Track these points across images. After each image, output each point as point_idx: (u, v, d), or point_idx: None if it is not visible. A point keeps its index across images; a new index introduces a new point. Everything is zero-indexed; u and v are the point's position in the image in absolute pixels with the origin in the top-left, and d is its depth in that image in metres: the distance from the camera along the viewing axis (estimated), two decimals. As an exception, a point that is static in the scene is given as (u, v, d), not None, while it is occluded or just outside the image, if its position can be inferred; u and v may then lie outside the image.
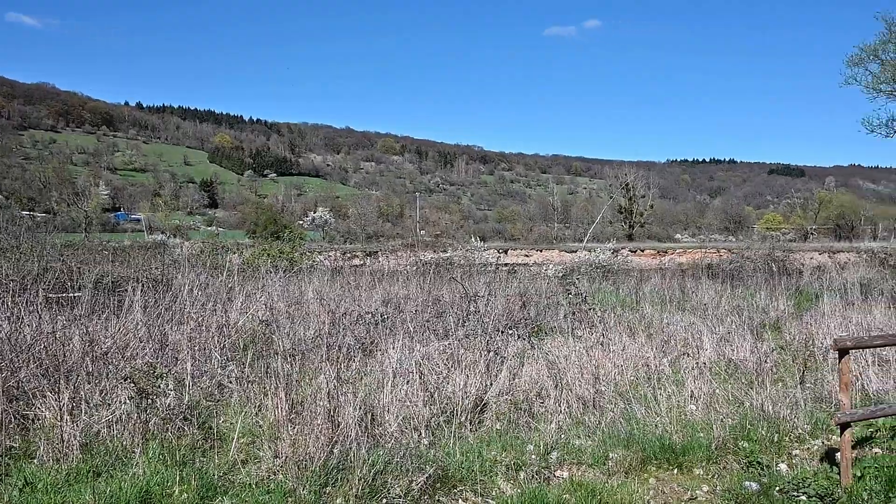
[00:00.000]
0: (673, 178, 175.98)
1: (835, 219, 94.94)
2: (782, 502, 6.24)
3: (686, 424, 8.06)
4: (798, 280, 23.47)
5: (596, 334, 11.34)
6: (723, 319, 13.62)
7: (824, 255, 46.35)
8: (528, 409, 8.34)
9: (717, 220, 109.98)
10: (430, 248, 29.18)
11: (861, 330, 12.49)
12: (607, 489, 6.29)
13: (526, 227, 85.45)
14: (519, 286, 15.05)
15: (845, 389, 6.65)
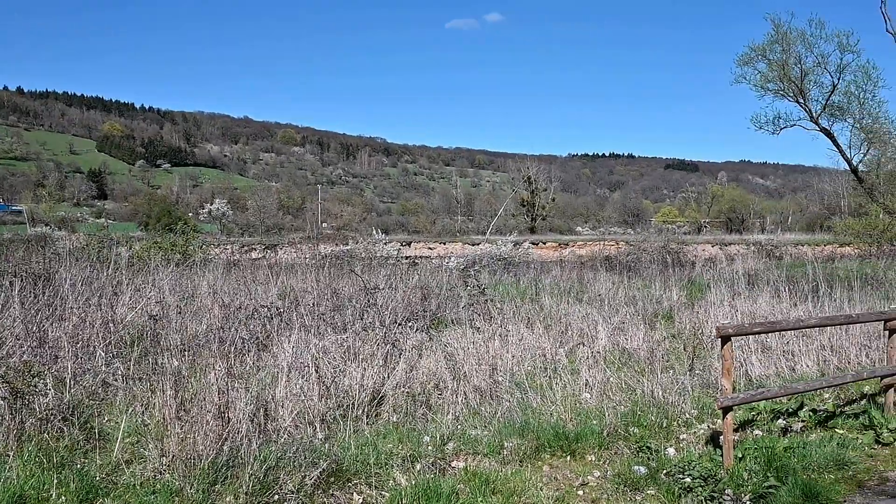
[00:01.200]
0: (574, 172, 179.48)
1: (726, 212, 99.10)
2: (668, 485, 6.42)
3: (580, 412, 8.22)
4: (691, 271, 24.32)
5: (494, 326, 11.43)
6: (618, 310, 13.96)
7: (716, 248, 48.29)
8: (425, 401, 8.34)
9: (617, 213, 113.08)
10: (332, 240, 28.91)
11: (747, 318, 13.01)
12: (501, 477, 6.35)
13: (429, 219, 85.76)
14: (420, 279, 15.02)
15: (727, 375, 6.91)
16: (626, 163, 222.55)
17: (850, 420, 8.61)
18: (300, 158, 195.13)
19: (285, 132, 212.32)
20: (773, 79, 38.03)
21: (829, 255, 40.47)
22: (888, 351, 8.95)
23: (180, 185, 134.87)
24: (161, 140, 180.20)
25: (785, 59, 37.47)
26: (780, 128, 39.51)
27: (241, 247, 39.23)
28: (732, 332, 6.95)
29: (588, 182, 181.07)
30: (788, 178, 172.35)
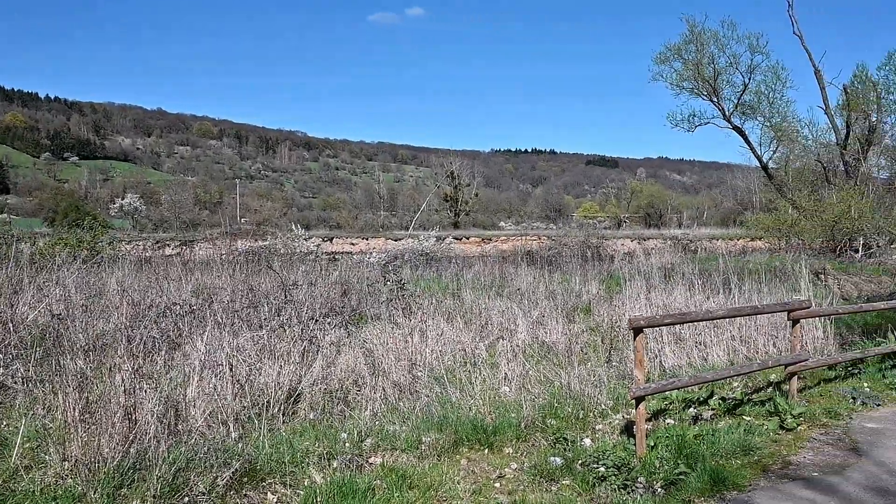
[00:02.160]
0: (497, 168, 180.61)
1: (645, 207, 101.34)
2: (583, 475, 6.52)
3: (499, 405, 8.28)
4: (610, 265, 24.82)
5: (415, 321, 11.41)
6: (538, 304, 14.13)
7: (635, 242, 49.31)
8: (343, 398, 8.28)
9: (539, 208, 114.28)
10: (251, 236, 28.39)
11: (662, 310, 13.33)
12: (418, 472, 6.34)
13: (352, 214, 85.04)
14: (340, 274, 14.89)
15: (640, 366, 7.05)
16: (549, 158, 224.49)
17: (757, 407, 8.91)
18: (217, 152, 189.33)
19: (201, 125, 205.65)
20: (688, 77, 39.14)
21: (742, 248, 41.84)
22: (791, 340, 9.31)
23: (89, 179, 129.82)
24: (68, 132, 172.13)
25: (699, 59, 38.60)
26: (694, 125, 40.70)
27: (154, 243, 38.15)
28: (644, 324, 7.09)
29: (511, 177, 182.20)
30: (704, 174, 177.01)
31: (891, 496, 6.07)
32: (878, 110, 37.35)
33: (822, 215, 31.68)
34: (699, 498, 6.15)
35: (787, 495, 6.14)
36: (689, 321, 8.99)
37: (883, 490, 6.22)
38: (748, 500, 6.04)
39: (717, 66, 38.45)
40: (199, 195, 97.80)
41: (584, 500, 6.17)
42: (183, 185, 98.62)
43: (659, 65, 39.56)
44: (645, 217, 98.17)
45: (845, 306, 13.43)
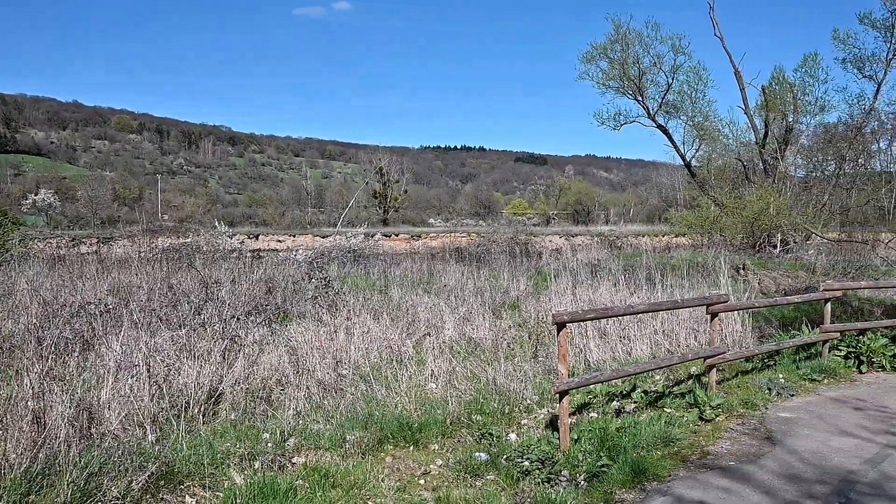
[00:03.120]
0: (426, 164, 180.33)
1: (573, 205, 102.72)
2: (508, 469, 6.55)
3: (426, 402, 8.26)
4: (538, 262, 25.07)
5: (341, 318, 11.30)
6: (466, 300, 14.16)
7: (563, 239, 50.02)
8: (266, 397, 8.13)
9: (469, 205, 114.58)
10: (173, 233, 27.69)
11: (587, 306, 13.51)
12: (341, 471, 6.26)
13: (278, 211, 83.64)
14: (265, 272, 14.63)
15: (563, 360, 7.12)
16: (478, 155, 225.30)
17: (677, 399, 9.11)
18: (137, 146, 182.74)
19: (120, 118, 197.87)
20: (614, 77, 39.77)
21: (666, 245, 42.91)
22: (710, 334, 9.54)
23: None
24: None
25: (624, 59, 39.26)
26: (620, 124, 41.39)
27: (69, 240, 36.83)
28: (567, 319, 7.16)
29: (440, 174, 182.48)
30: (630, 171, 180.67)
31: (802, 482, 6.27)
32: (795, 111, 38.62)
33: (742, 212, 32.61)
34: (620, 489, 6.24)
35: (704, 484, 6.28)
36: (611, 316, 9.13)
37: (795, 477, 6.43)
38: (667, 491, 6.16)
39: (642, 65, 39.21)
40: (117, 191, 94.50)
41: (509, 495, 6.20)
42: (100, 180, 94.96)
43: (585, 64, 40.11)
44: (573, 214, 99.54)
45: (761, 300, 13.84)
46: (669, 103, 39.89)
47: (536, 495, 6.10)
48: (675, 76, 39.22)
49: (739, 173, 40.44)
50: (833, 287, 11.95)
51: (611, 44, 39.35)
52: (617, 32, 39.04)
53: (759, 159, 39.15)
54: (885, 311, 16.20)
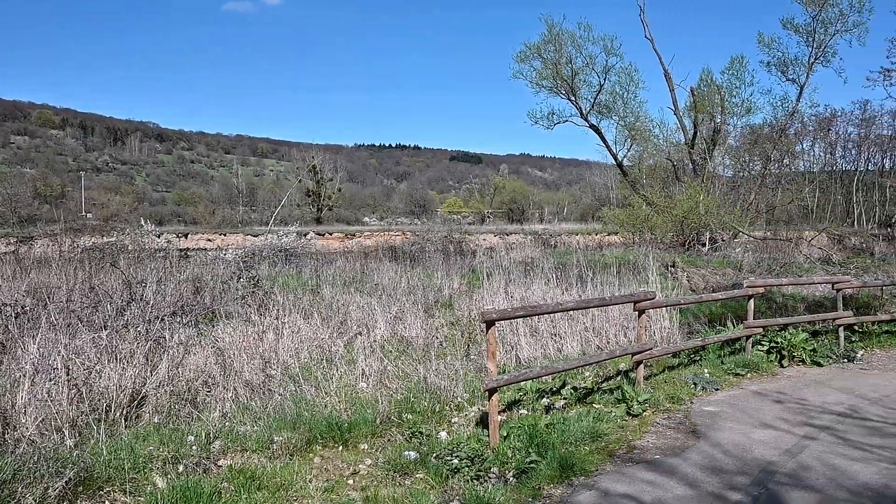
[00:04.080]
0: (361, 163, 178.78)
1: (508, 203, 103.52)
2: (437, 467, 6.54)
3: (356, 402, 8.20)
4: (472, 260, 25.15)
5: (270, 318, 11.13)
6: (399, 299, 14.12)
7: (498, 237, 50.29)
8: (191, 399, 7.94)
9: (404, 203, 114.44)
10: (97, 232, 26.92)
11: (521, 303, 13.60)
12: (268, 473, 6.16)
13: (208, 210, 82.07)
14: (193, 272, 14.31)
15: (492, 358, 7.15)
16: (413, 154, 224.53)
17: (606, 395, 9.24)
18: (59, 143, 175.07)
19: (41, 113, 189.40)
20: (547, 76, 40.18)
21: (599, 243, 43.55)
22: (638, 330, 9.71)
23: None
24: None
25: (557, 59, 39.70)
26: (554, 123, 41.84)
27: (-14, 240, 35.47)
28: (496, 317, 7.18)
29: (375, 172, 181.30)
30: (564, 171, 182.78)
31: (724, 474, 6.43)
32: (722, 112, 39.65)
33: (672, 211, 33.35)
34: (548, 485, 6.29)
35: (630, 478, 6.38)
36: (540, 313, 9.22)
37: (717, 469, 6.59)
38: (594, 485, 6.24)
39: (575, 66, 39.69)
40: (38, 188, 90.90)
41: (438, 493, 6.18)
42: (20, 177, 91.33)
43: (519, 63, 40.42)
44: (508, 213, 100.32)
45: (687, 297, 14.17)
46: (602, 103, 40.48)
47: (465, 493, 6.10)
48: (607, 77, 39.86)
49: (670, 173, 41.31)
50: (756, 284, 12.29)
51: (544, 44, 39.76)
52: (550, 32, 39.46)
53: (689, 159, 40.07)
54: (808, 306, 16.77)
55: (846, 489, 6.02)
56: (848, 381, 10.57)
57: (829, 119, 66.23)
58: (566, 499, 6.00)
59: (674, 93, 39.93)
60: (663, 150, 41.87)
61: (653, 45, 40.14)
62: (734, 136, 43.96)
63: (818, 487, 6.07)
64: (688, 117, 40.36)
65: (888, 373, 11.36)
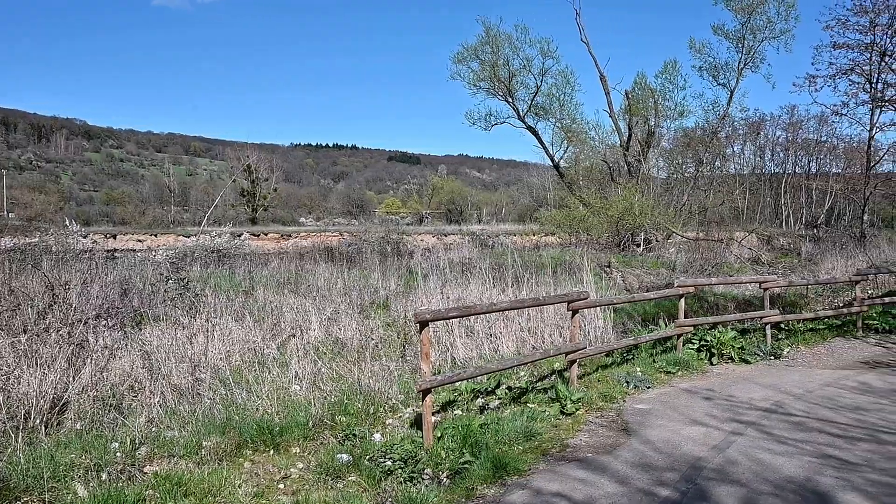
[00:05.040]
0: (297, 162, 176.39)
1: (446, 204, 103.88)
2: (370, 470, 6.47)
3: (289, 405, 8.06)
4: (409, 261, 25.07)
5: (201, 320, 10.89)
6: (334, 300, 13.98)
7: (436, 238, 50.35)
8: (117, 405, 7.70)
9: (341, 204, 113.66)
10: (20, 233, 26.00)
11: (457, 304, 13.59)
12: (195, 478, 6.00)
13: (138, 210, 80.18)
14: (121, 273, 13.92)
15: (426, 359, 7.11)
16: (351, 154, 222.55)
17: (540, 395, 9.29)
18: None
19: None
20: (485, 78, 40.43)
21: (536, 244, 43.95)
22: (571, 330, 9.79)
23: None
24: None
25: (494, 60, 39.96)
26: (491, 124, 42.15)
27: None
28: (430, 318, 7.15)
29: (312, 172, 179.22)
30: (502, 171, 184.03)
31: (654, 471, 6.52)
32: (656, 115, 40.49)
33: (607, 212, 33.85)
34: (482, 485, 6.28)
35: (562, 476, 6.42)
36: (474, 314, 9.22)
37: (648, 465, 6.67)
38: (526, 484, 6.25)
39: (512, 67, 40.03)
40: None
41: (371, 496, 6.12)
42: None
43: (457, 64, 40.60)
44: (446, 213, 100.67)
45: (620, 297, 14.37)
46: (538, 105, 40.94)
47: (398, 495, 6.05)
48: (543, 79, 40.33)
49: (605, 174, 41.96)
50: (686, 283, 12.53)
51: (481, 45, 40.01)
52: (487, 34, 39.72)
53: (624, 161, 40.80)
54: (738, 305, 17.21)
55: (770, 483, 6.16)
56: (774, 378, 10.85)
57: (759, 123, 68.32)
58: (499, 498, 6.00)
59: (609, 95, 40.61)
60: (599, 152, 42.55)
61: (588, 49, 40.77)
62: (668, 139, 44.99)
63: (744, 482, 6.20)
64: (623, 120, 41.11)
65: (812, 369, 11.71)
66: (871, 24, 35.54)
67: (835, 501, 5.75)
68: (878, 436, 7.64)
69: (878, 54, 36.23)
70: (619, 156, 41.80)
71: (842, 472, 6.43)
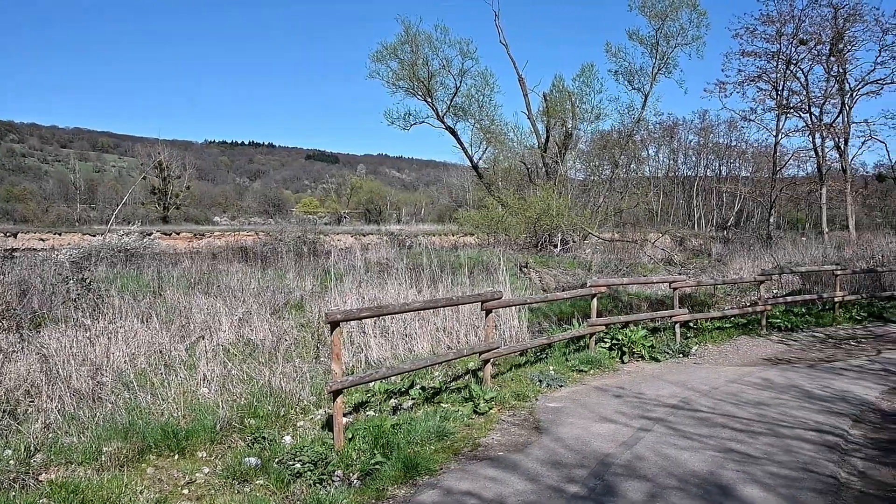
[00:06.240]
0: (211, 160, 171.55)
1: (365, 203, 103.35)
2: (279, 473, 6.35)
3: (196, 408, 7.83)
4: (326, 261, 24.80)
5: (105, 322, 10.50)
6: (246, 301, 13.69)
7: (354, 238, 50.02)
8: (11, 410, 7.33)
9: (257, 203, 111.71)
10: None
11: (375, 304, 13.46)
12: (93, 486, 5.77)
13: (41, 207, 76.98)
14: (19, 273, 13.30)
15: (337, 359, 7.02)
16: (267, 152, 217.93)
17: (454, 394, 9.31)
18: None
19: None
20: (404, 77, 40.42)
21: (455, 244, 44.16)
22: (485, 329, 9.84)
23: None
24: None
25: (414, 60, 40.00)
26: (410, 124, 42.19)
27: None
28: (341, 318, 7.07)
29: (227, 170, 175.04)
30: (422, 172, 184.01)
31: (564, 468, 6.59)
32: (574, 118, 41.26)
33: (525, 212, 34.25)
34: (393, 486, 6.24)
35: (473, 475, 6.43)
36: (386, 314, 9.17)
37: (558, 463, 6.75)
38: (437, 484, 6.24)
39: (431, 67, 40.16)
40: None
41: (279, 499, 6.01)
42: None
43: (376, 63, 40.47)
44: (365, 213, 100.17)
45: (533, 296, 14.52)
46: (458, 106, 41.18)
47: (307, 497, 5.96)
48: (463, 80, 40.62)
49: (524, 175, 42.48)
50: (598, 283, 12.76)
51: (401, 44, 39.99)
52: (407, 34, 39.73)
53: (542, 162, 41.41)
54: (650, 305, 17.64)
55: (676, 477, 6.31)
56: (682, 375, 11.14)
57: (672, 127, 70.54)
58: (409, 498, 5.96)
59: (527, 97, 41.15)
60: (518, 153, 43.06)
61: (507, 51, 41.26)
62: (585, 141, 45.88)
63: (650, 477, 6.33)
64: (541, 122, 41.70)
65: (718, 366, 12.08)
66: (777, 33, 37.16)
67: (735, 494, 5.92)
68: (778, 430, 7.92)
69: (783, 62, 37.87)
70: (537, 157, 42.40)
71: (743, 465, 6.64)
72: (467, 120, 41.89)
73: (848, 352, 13.39)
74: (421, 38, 39.73)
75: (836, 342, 14.47)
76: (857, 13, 35.31)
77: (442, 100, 41.15)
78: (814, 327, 16.22)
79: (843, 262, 22.19)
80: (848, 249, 27.86)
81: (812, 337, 15.11)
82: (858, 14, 35.34)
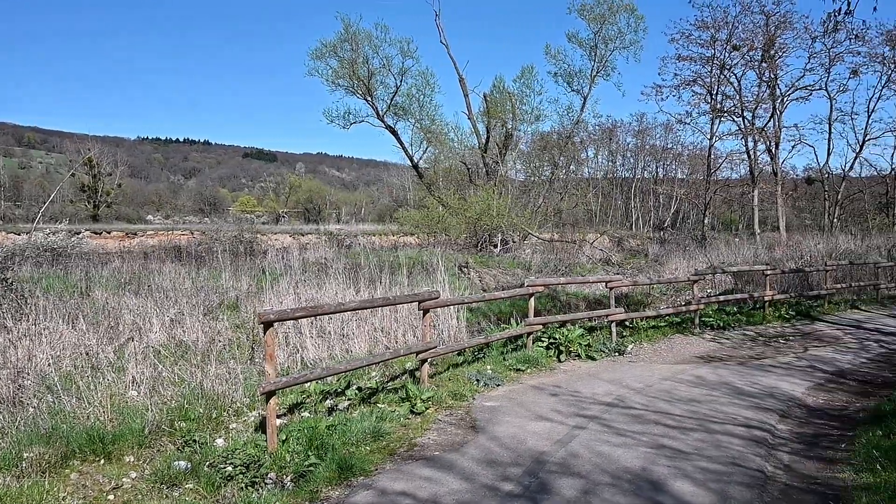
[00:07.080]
0: (144, 157, 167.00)
1: (304, 203, 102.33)
2: (210, 476, 6.20)
3: (124, 411, 7.59)
4: (263, 260, 24.47)
5: (28, 323, 10.12)
6: (178, 301, 13.40)
7: (292, 237, 49.43)
8: (-77, 416, 7.00)
9: (192, 201, 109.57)
10: None
11: (313, 304, 13.31)
12: (12, 493, 5.54)
13: (-37, 206, 74.10)
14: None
15: (270, 360, 6.90)
16: (203, 150, 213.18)
17: (391, 395, 9.24)
18: None
19: None
20: (344, 75, 40.14)
21: (395, 244, 44.00)
22: (423, 329, 9.79)
23: None
24: None
25: (354, 58, 39.76)
26: (350, 123, 41.92)
27: None
28: (274, 318, 6.94)
29: (161, 168, 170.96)
30: (362, 171, 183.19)
31: (499, 466, 6.59)
32: (514, 118, 41.56)
33: (465, 213, 34.37)
34: (327, 487, 6.15)
35: (408, 475, 6.38)
36: (321, 314, 9.03)
37: (493, 461, 6.74)
38: (372, 484, 6.17)
39: (372, 66, 40.00)
40: None
41: (209, 503, 5.85)
42: None
43: (315, 60, 40.10)
44: (304, 212, 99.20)
45: (471, 296, 14.51)
46: (398, 105, 41.11)
47: (238, 501, 5.84)
48: (403, 79, 40.57)
49: (464, 175, 42.62)
50: (536, 283, 12.83)
51: (340, 42, 39.72)
52: (347, 31, 39.48)
53: (483, 163, 41.57)
54: (588, 304, 17.86)
55: (609, 473, 6.37)
56: (617, 373, 11.28)
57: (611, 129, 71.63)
58: (344, 500, 5.88)
59: (468, 98, 41.27)
60: (458, 153, 43.15)
61: (448, 51, 41.32)
62: (525, 142, 46.26)
63: (584, 474, 6.37)
64: (481, 122, 41.87)
65: (652, 364, 12.27)
66: (711, 38, 38.12)
67: (667, 489, 6.00)
68: (709, 425, 8.08)
69: (718, 67, 38.86)
70: (477, 157, 42.57)
71: (674, 460, 6.73)
72: (408, 119, 41.87)
73: (777, 349, 13.76)
74: (361, 36, 39.56)
75: (766, 340, 14.86)
76: (787, 21, 36.55)
77: (382, 99, 41.05)
78: (745, 326, 16.63)
79: (773, 262, 22.82)
80: (778, 250, 28.74)
81: (743, 335, 15.48)
82: (789, 22, 36.59)
